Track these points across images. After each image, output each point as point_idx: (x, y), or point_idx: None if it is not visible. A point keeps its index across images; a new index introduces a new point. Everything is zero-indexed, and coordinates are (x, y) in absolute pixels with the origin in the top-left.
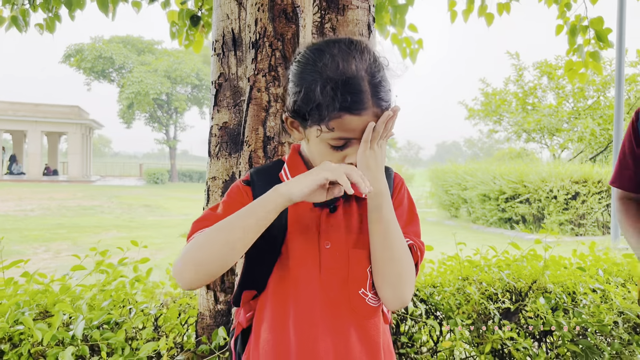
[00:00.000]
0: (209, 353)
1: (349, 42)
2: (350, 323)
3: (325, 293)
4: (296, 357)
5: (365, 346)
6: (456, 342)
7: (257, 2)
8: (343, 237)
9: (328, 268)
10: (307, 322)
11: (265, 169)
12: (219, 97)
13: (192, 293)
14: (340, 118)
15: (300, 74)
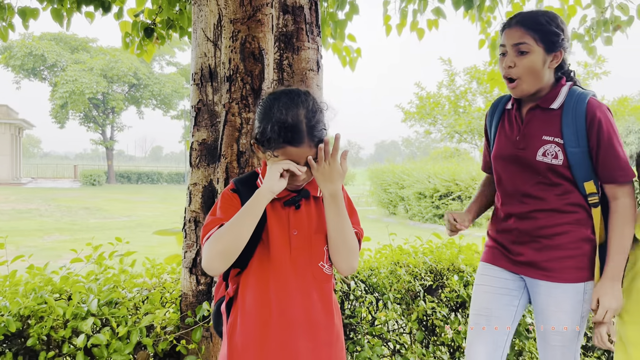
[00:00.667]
0: (194, 324)
1: (296, 93)
2: (312, 286)
3: (294, 266)
4: (276, 310)
5: (322, 302)
6: (389, 313)
7: (230, 45)
8: (306, 226)
9: (296, 248)
10: (282, 287)
11: (245, 179)
12: (198, 119)
13: (166, 283)
14: (284, 148)
15: (261, 115)
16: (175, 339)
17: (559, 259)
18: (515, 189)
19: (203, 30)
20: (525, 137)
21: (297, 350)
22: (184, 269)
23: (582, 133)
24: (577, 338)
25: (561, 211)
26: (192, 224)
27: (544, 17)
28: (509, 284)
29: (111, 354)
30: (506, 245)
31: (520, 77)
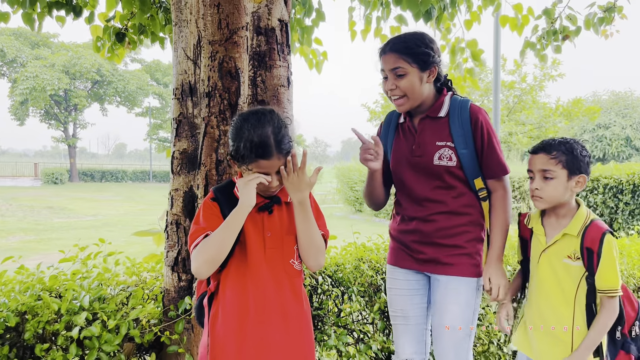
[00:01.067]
0: (176, 317)
1: (262, 113)
2: (285, 281)
3: (269, 264)
4: (254, 302)
5: (293, 294)
6: (354, 305)
7: (209, 64)
8: (278, 228)
9: (270, 248)
10: (258, 282)
11: (223, 188)
12: (179, 130)
13: (147, 280)
14: (256, 162)
15: (233, 134)
16: (160, 331)
17: (456, 256)
18: (416, 194)
19: (183, 49)
20: (421, 145)
21: (272, 337)
22: (166, 267)
23: (468, 135)
24: (470, 335)
25: (458, 213)
26: (174, 225)
27: (413, 41)
28: (415, 284)
29: (102, 345)
30: (409, 245)
31: (404, 94)
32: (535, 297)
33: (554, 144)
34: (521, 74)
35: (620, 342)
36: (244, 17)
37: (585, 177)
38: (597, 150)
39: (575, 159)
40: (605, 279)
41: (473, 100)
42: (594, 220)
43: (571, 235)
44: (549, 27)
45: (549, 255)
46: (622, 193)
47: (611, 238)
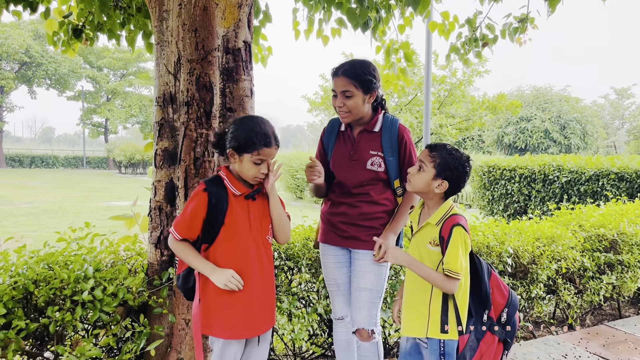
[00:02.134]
0: (160, 285)
1: (260, 117)
2: (262, 251)
3: (253, 239)
4: (241, 265)
5: (267, 260)
6: (302, 276)
7: (187, 79)
8: (258, 212)
9: (253, 227)
10: (245, 253)
11: (213, 181)
12: (162, 132)
13: (127, 257)
14: (261, 149)
15: (242, 130)
16: (147, 296)
17: (372, 235)
18: (348, 187)
19: (165, 65)
20: (357, 152)
21: (254, 288)
22: (150, 245)
23: (395, 147)
24: (380, 296)
25: (378, 203)
26: (157, 210)
27: (361, 69)
28: (342, 258)
29: (103, 307)
30: (336, 225)
31: (349, 111)
32: (406, 278)
33: (439, 146)
34: (452, 69)
35: (487, 324)
36: (216, 40)
37: (447, 183)
38: (520, 142)
39: (447, 167)
40: (447, 261)
41: (406, 93)
42: (454, 214)
43: (432, 224)
44: (471, 34)
45: (417, 240)
46: (534, 182)
47: (460, 230)
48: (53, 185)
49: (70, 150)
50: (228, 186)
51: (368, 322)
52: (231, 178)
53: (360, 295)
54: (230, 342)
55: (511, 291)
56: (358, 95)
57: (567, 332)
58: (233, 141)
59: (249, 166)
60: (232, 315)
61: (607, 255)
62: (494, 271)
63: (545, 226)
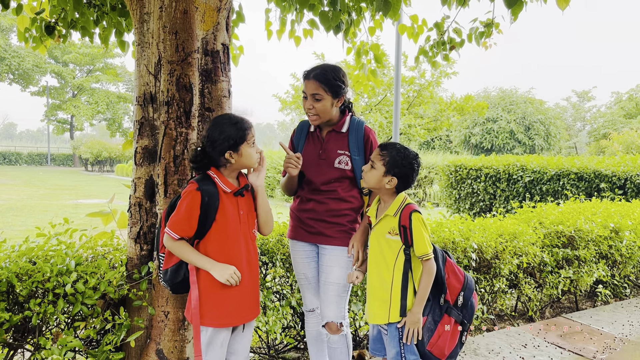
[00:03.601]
0: (139, 279)
1: (240, 117)
2: (249, 243)
3: (242, 233)
4: (231, 257)
5: (254, 253)
6: (277, 270)
7: (168, 79)
8: (246, 207)
9: (243, 222)
10: (235, 246)
11: (202, 179)
12: (142, 130)
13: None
14: (251, 129)
15: (227, 128)
16: (127, 289)
17: (339, 231)
18: (317, 185)
19: (146, 65)
20: (326, 151)
21: (244, 280)
22: (130, 240)
23: (361, 147)
24: (347, 290)
25: (345, 200)
26: (137, 206)
27: (331, 74)
28: (310, 253)
29: (84, 299)
30: (304, 221)
31: (318, 114)
32: (369, 268)
33: (389, 146)
34: (420, 71)
35: (444, 307)
36: (195, 42)
37: (396, 180)
38: (486, 142)
39: (395, 164)
40: (418, 248)
41: (376, 93)
42: (408, 204)
43: (389, 215)
44: (439, 38)
45: (376, 232)
46: (499, 181)
47: (417, 215)
48: (17, 183)
49: (33, 147)
50: (219, 184)
51: (336, 315)
52: (221, 176)
53: (328, 289)
54: (219, 330)
55: (467, 275)
56: (327, 99)
57: (527, 324)
58: (226, 143)
59: (250, 151)
60: (224, 305)
61: (565, 251)
62: (450, 258)
63: (507, 223)
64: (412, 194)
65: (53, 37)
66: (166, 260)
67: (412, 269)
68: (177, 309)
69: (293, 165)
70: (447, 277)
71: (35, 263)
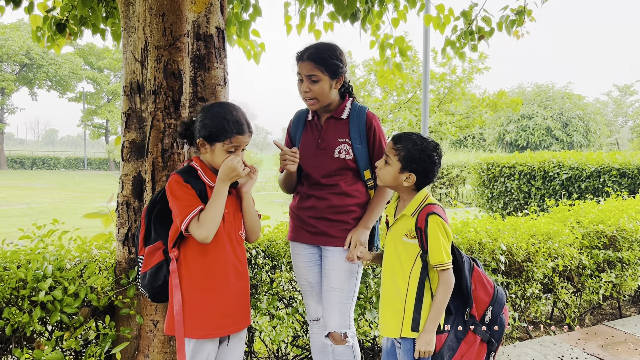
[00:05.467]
0: (127, 284)
1: (232, 104)
2: (236, 246)
3: (227, 233)
4: (216, 262)
5: (242, 256)
6: (283, 274)
7: (155, 66)
8: (231, 207)
9: (228, 222)
10: (220, 247)
11: (186, 172)
12: (129, 123)
13: (98, 256)
14: (234, 137)
15: (212, 117)
16: (114, 296)
17: (343, 230)
18: (316, 178)
19: (132, 52)
20: (325, 140)
21: (231, 286)
22: (118, 242)
23: (363, 134)
24: (353, 296)
25: (349, 194)
26: (125, 206)
27: (327, 52)
28: (312, 256)
29: (63, 307)
30: (305, 220)
31: (315, 98)
32: (383, 273)
33: (403, 137)
34: (451, 67)
35: (469, 322)
36: (185, 26)
37: (414, 176)
38: (521, 140)
39: (412, 159)
40: (433, 256)
41: (406, 91)
42: (428, 204)
43: (407, 215)
44: (467, 27)
45: (393, 234)
46: (534, 179)
47: (435, 218)
48: (53, 187)
49: (72, 152)
50: (203, 177)
51: (340, 324)
52: (205, 169)
53: (331, 296)
54: (203, 342)
55: (497, 287)
56: (324, 80)
57: (564, 333)
58: (203, 130)
59: (222, 155)
60: (206, 313)
61: (607, 253)
62: (478, 266)
63: (541, 223)
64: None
65: (64, 35)
66: (145, 262)
67: (430, 278)
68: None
69: (290, 160)
70: (474, 289)
71: (10, 268)
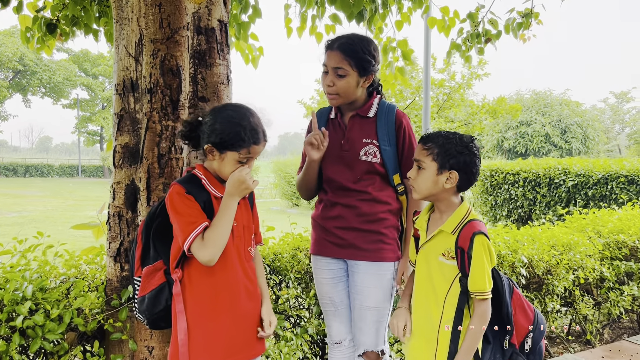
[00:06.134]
0: (119, 306)
1: (247, 107)
2: (246, 264)
3: (236, 250)
4: (225, 283)
5: (252, 272)
6: (291, 291)
7: (151, 62)
8: (240, 219)
9: (237, 237)
10: (228, 265)
11: (189, 182)
12: (121, 125)
13: (86, 272)
14: (251, 147)
15: (225, 123)
16: (103, 319)
17: (374, 242)
18: (341, 183)
19: (125, 46)
20: (349, 140)
21: (242, 309)
22: (109, 258)
23: (392, 135)
24: (388, 313)
25: (379, 201)
26: (116, 217)
27: (359, 45)
28: (337, 272)
29: (45, 334)
30: (331, 231)
31: (338, 93)
32: (415, 296)
33: (432, 136)
34: (450, 73)
35: (508, 352)
36: (184, 17)
37: (457, 173)
38: (520, 146)
39: (449, 153)
40: (473, 281)
41: (405, 97)
42: (472, 220)
43: (446, 232)
44: (473, 30)
45: (426, 252)
46: (539, 186)
47: (482, 239)
48: (45, 194)
49: (66, 159)
50: (208, 187)
51: (376, 343)
52: (210, 178)
53: (366, 315)
54: None
55: (537, 312)
56: (352, 76)
57: (586, 350)
58: (214, 135)
59: (232, 165)
60: (214, 341)
61: (628, 264)
62: (517, 287)
63: (560, 232)
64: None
65: (55, 36)
66: (143, 284)
67: (470, 304)
68: (164, 344)
69: (316, 142)
70: (514, 313)
71: None
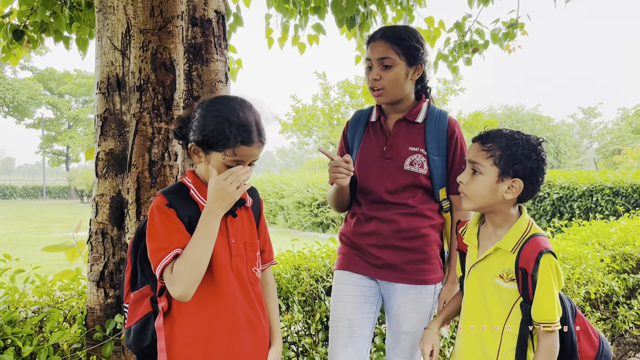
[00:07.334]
0: (103, 339)
1: (242, 99)
2: (249, 289)
3: (235, 272)
4: (221, 313)
5: (258, 302)
6: (295, 315)
7: (140, 55)
8: (241, 234)
9: (235, 255)
10: (225, 292)
11: (175, 192)
12: (105, 128)
13: (61, 300)
14: (238, 147)
15: (210, 117)
16: (84, 357)
17: (415, 262)
18: (379, 195)
19: (109, 38)
20: (393, 147)
21: (242, 346)
22: (91, 283)
23: (442, 144)
24: None
25: (420, 215)
26: (100, 235)
27: (405, 32)
28: (367, 291)
29: None
30: (364, 249)
31: (385, 88)
32: (463, 324)
33: (492, 134)
34: None
35: None
36: (179, 5)
37: (521, 182)
38: None
39: (514, 157)
40: (539, 310)
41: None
42: (535, 235)
43: (505, 250)
44: (460, 40)
45: (479, 272)
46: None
47: (550, 259)
48: (7, 217)
49: (30, 180)
50: (197, 199)
51: None
52: (200, 186)
53: (401, 340)
54: None
55: (602, 337)
56: (400, 66)
57: None
58: (197, 133)
59: (219, 168)
60: None
61: (636, 277)
62: (579, 311)
63: (569, 245)
64: None
65: (22, 44)
66: (130, 314)
67: (534, 334)
68: None
69: (343, 173)
70: (578, 341)
71: None
